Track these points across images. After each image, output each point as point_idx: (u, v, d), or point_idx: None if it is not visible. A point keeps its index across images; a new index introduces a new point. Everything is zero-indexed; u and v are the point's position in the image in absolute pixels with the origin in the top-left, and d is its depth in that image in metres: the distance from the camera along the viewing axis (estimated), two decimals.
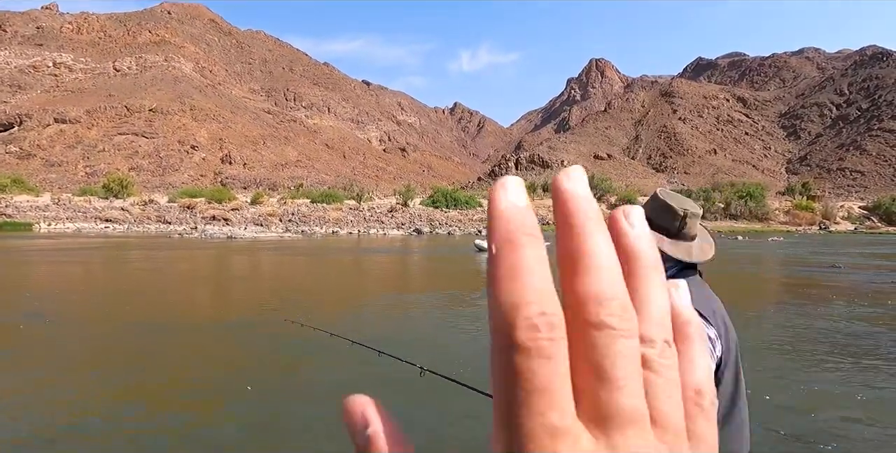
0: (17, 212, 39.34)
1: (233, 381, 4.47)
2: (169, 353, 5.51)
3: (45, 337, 6.22)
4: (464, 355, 5.10)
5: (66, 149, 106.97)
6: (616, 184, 67.39)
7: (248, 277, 13.09)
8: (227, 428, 3.57)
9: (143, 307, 8.38)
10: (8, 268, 14.09)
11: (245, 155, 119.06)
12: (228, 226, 37.96)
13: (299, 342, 5.35)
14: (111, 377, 4.75)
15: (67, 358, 5.35)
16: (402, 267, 16.44)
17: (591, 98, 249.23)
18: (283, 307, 8.06)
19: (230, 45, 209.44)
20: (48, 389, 4.38)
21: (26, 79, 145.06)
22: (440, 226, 43.02)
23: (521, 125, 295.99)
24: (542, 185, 62.95)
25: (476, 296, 9.34)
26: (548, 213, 50.27)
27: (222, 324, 7.16)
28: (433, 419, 3.61)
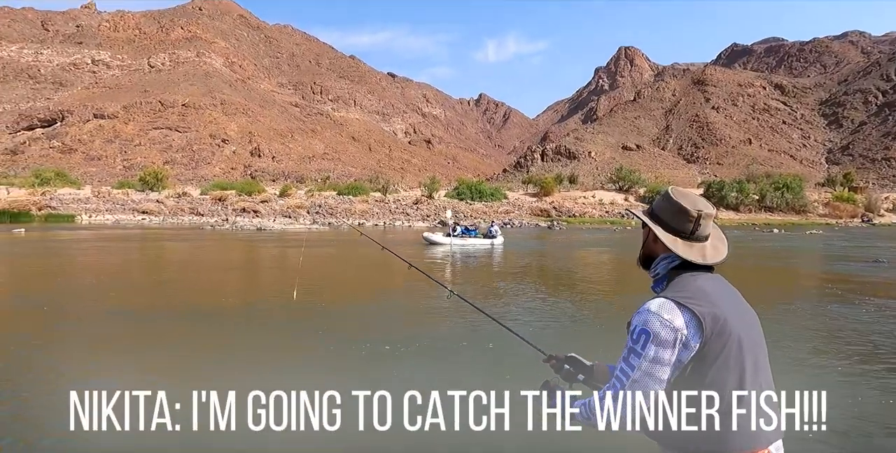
0: (60, 205, 41.16)
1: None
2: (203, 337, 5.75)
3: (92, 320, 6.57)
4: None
5: (104, 143, 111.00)
6: (645, 175, 65.88)
7: (284, 267, 13.41)
8: None
9: (184, 294, 8.72)
10: (61, 257, 14.83)
11: (273, 148, 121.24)
12: (258, 218, 38.87)
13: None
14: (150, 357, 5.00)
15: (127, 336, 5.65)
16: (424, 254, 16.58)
17: (620, 87, 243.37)
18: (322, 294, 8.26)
19: (259, 39, 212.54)
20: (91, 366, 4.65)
21: (67, 76, 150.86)
22: (465, 217, 43.01)
23: (547, 116, 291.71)
24: (568, 177, 62.08)
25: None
26: (574, 205, 49.51)
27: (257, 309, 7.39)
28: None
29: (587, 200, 51.86)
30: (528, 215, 46.14)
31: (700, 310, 1.26)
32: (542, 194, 53.21)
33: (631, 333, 1.31)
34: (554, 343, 5.52)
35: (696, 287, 1.33)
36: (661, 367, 1.25)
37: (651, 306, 1.29)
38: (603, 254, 18.13)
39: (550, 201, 50.38)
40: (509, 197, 52.47)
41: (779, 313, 7.30)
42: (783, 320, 6.83)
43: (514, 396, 1.53)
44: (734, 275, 1.45)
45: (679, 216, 1.40)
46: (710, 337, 1.25)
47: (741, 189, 53.68)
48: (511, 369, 4.42)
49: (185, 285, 10.05)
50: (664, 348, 1.24)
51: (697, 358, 1.26)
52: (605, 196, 53.44)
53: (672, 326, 1.25)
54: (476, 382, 4.33)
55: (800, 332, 6.12)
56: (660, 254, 1.44)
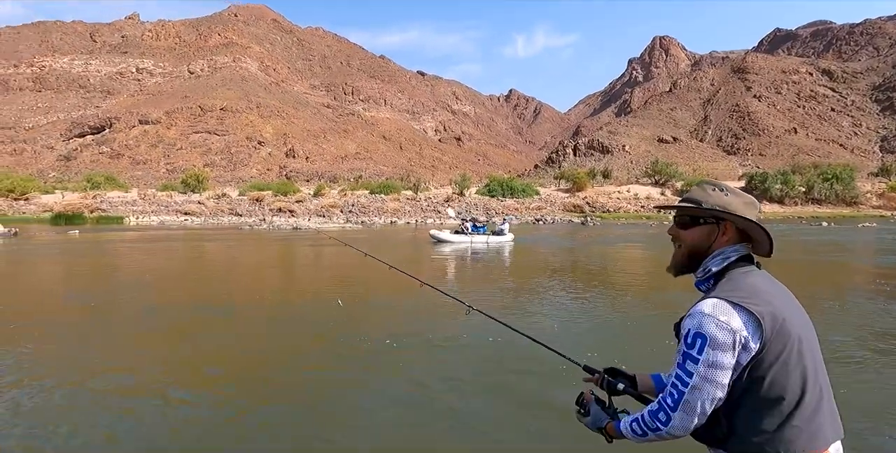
0: (110, 207, 43.37)
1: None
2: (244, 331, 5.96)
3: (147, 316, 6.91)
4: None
5: (149, 148, 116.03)
6: (682, 168, 63.89)
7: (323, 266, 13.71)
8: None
9: (227, 291, 9.06)
10: (110, 257, 15.65)
11: (307, 149, 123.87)
12: (294, 218, 39.85)
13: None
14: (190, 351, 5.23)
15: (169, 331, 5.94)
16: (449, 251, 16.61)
17: (655, 78, 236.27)
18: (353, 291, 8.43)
19: (291, 43, 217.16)
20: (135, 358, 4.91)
21: (114, 84, 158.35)
22: (497, 214, 42.83)
23: (579, 110, 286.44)
24: (601, 172, 60.87)
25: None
26: (608, 200, 48.53)
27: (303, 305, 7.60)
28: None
29: (622, 195, 50.72)
30: (560, 211, 45.54)
31: (758, 309, 1.21)
32: (575, 189, 52.37)
33: (684, 338, 1.25)
34: (587, 349, 5.46)
35: (748, 284, 1.28)
36: (720, 372, 1.19)
37: (704, 308, 1.24)
38: (638, 250, 17.72)
39: (583, 196, 49.54)
40: (541, 193, 51.90)
41: (828, 311, 6.98)
42: (833, 319, 6.52)
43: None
44: (778, 271, 1.40)
45: (752, 208, 1.37)
46: (771, 337, 1.20)
47: (786, 181, 51.31)
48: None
49: (224, 283, 10.44)
50: (723, 351, 1.19)
51: (757, 359, 1.21)
52: (640, 190, 52.13)
53: (729, 328, 1.19)
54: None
55: (852, 331, 5.83)
56: (714, 251, 1.38)
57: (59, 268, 13.29)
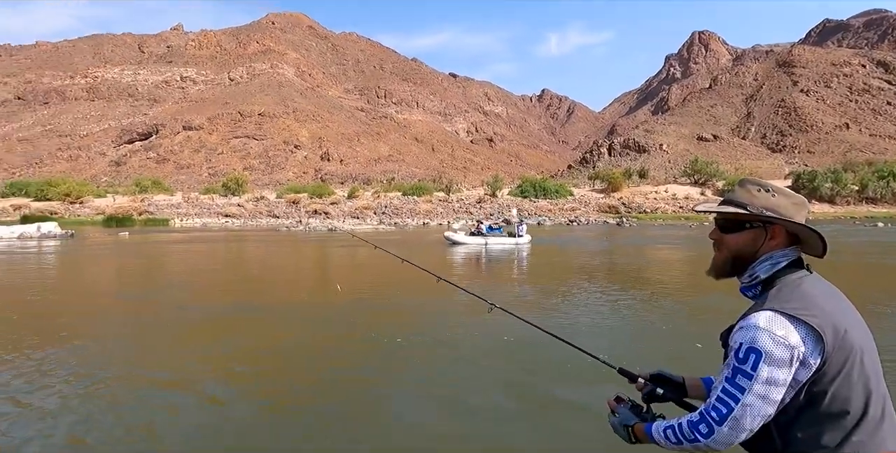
0: (156, 210, 45.41)
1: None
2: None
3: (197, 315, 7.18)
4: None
5: (192, 153, 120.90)
6: (724, 167, 61.56)
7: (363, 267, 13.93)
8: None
9: (266, 290, 9.32)
10: (157, 258, 16.38)
11: (341, 152, 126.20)
12: (329, 220, 40.65)
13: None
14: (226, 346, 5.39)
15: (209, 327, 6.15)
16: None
17: (694, 74, 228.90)
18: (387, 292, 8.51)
19: (326, 48, 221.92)
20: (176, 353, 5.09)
21: (160, 93, 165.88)
22: (529, 215, 42.43)
23: (613, 108, 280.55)
24: (638, 172, 59.40)
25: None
26: (644, 201, 47.36)
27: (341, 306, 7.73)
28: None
29: (659, 195, 49.32)
30: (595, 212, 44.69)
31: (817, 322, 1.13)
32: (610, 190, 51.29)
33: (735, 352, 1.17)
34: (621, 352, 5.33)
35: (803, 293, 1.20)
36: (775, 389, 1.12)
37: (759, 321, 1.16)
38: (676, 252, 17.18)
39: (619, 197, 48.45)
40: (575, 193, 51.09)
41: (881, 316, 6.57)
42: (888, 324, 6.14)
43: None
44: (827, 274, 1.32)
45: (802, 209, 1.29)
46: (832, 352, 1.13)
47: (837, 179, 48.68)
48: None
49: (261, 283, 10.74)
50: (779, 368, 1.12)
51: (817, 375, 1.14)
52: (678, 190, 50.57)
53: (787, 343, 1.12)
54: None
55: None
56: (761, 255, 1.30)
57: (110, 267, 14.00)
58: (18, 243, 21.00)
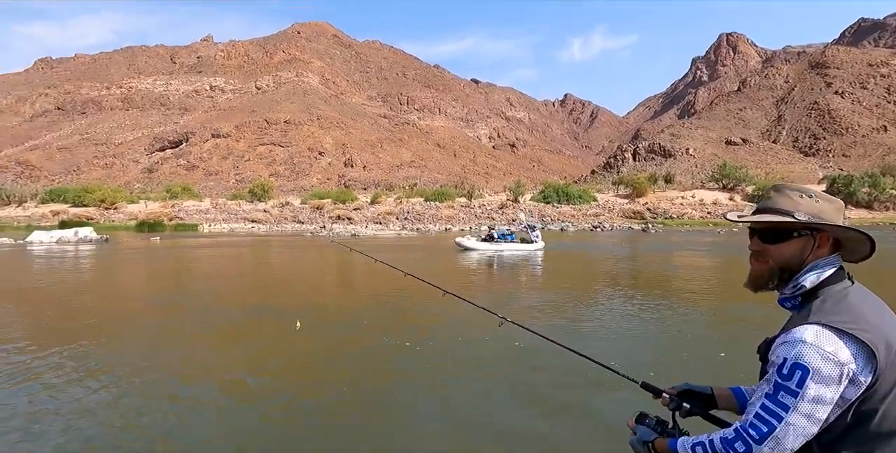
0: (186, 215, 46.69)
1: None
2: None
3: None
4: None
5: (220, 160, 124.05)
6: (753, 171, 59.96)
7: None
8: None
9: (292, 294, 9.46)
10: (186, 262, 16.83)
11: (364, 158, 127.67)
12: (352, 225, 41.09)
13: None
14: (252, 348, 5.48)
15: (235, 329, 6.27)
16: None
17: (722, 77, 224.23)
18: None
19: (350, 56, 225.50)
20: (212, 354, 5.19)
21: (190, 102, 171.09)
22: (552, 221, 42.07)
23: (638, 113, 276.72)
24: (663, 177, 58.34)
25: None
26: (670, 206, 46.37)
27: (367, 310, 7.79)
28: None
29: (686, 200, 48.30)
30: (619, 217, 44.02)
31: (868, 337, 1.07)
32: (635, 195, 50.47)
33: (779, 367, 1.10)
34: (643, 365, 5.22)
35: (850, 306, 1.13)
36: (821, 407, 1.06)
37: (806, 336, 1.09)
38: (704, 259, 16.76)
39: (644, 202, 47.64)
40: (598, 199, 50.45)
41: None
42: None
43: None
44: (868, 283, 1.26)
45: (841, 213, 1.24)
46: (885, 369, 1.07)
47: (875, 183, 46.86)
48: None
49: (285, 288, 10.90)
50: (827, 386, 1.05)
51: (868, 393, 1.07)
52: (706, 195, 49.43)
53: (837, 360, 1.05)
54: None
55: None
56: (807, 265, 1.22)
57: (141, 271, 14.44)
58: (57, 247, 21.85)
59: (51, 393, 4.21)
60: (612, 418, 3.60)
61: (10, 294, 9.66)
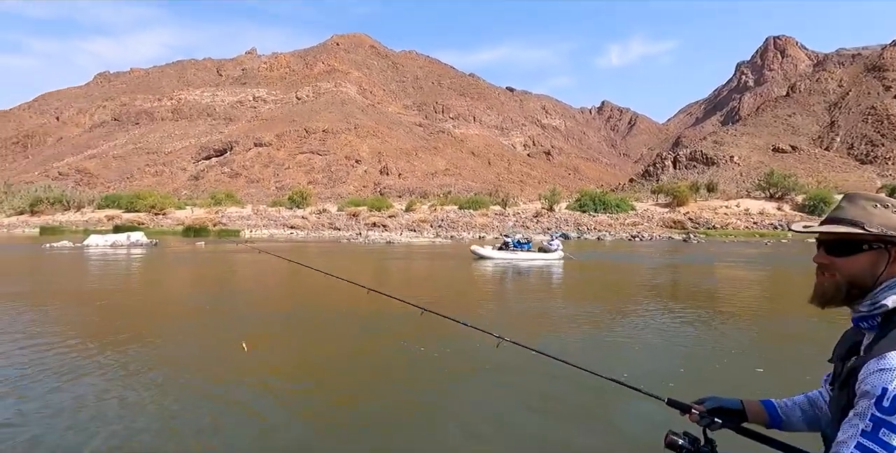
0: (229, 221, 48.45)
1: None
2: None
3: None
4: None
5: (262, 168, 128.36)
6: (804, 180, 57.20)
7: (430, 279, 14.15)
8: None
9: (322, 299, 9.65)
10: (227, 266, 17.45)
11: (400, 166, 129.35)
12: (387, 232, 41.59)
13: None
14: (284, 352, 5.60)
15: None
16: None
17: (769, 82, 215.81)
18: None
19: (387, 66, 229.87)
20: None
21: (235, 112, 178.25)
22: (588, 230, 41.32)
23: (679, 119, 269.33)
24: (706, 185, 56.41)
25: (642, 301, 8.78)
26: (713, 216, 44.81)
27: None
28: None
29: (730, 210, 46.49)
30: (658, 227, 42.79)
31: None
32: (676, 204, 48.97)
33: (877, 400, 0.96)
34: (674, 382, 5.03)
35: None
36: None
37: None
38: (749, 271, 16.03)
39: (685, 212, 46.15)
40: (637, 208, 49.22)
41: None
42: None
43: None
44: None
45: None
46: None
47: None
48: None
49: (320, 292, 11.12)
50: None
51: None
52: (752, 205, 47.44)
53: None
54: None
55: None
56: (883, 281, 1.13)
57: (187, 274, 15.07)
58: (111, 251, 23.08)
59: (95, 392, 4.44)
60: (636, 427, 3.49)
61: (67, 295, 10.27)
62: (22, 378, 4.77)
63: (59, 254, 21.51)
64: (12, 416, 3.88)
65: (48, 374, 4.88)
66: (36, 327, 7.00)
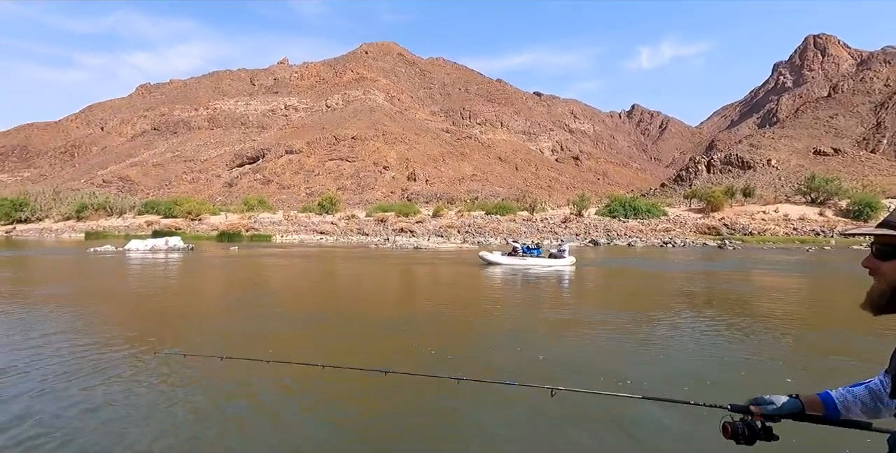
0: (261, 227, 49.66)
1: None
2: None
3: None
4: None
5: (292, 174, 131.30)
6: (847, 184, 54.68)
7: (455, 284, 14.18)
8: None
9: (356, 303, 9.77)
10: (258, 270, 17.88)
11: (427, 172, 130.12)
12: (414, 238, 41.82)
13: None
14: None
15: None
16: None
17: (808, 82, 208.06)
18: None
19: (414, 73, 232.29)
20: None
21: (267, 120, 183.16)
22: (618, 236, 40.56)
23: (712, 122, 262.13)
24: (742, 190, 54.64)
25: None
26: (750, 221, 43.28)
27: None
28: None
29: (768, 215, 44.84)
30: (691, 233, 41.63)
31: None
32: (710, 209, 47.57)
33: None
34: (725, 390, 4.87)
35: None
36: None
37: None
38: (789, 279, 15.40)
39: (720, 217, 44.77)
40: (669, 213, 48.04)
41: None
42: None
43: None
44: None
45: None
46: None
47: None
48: None
49: (348, 296, 11.25)
50: None
51: None
52: (791, 210, 45.64)
53: None
54: None
55: None
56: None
57: (221, 278, 15.50)
58: (151, 255, 23.98)
59: (128, 389, 4.65)
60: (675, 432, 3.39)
61: (109, 296, 10.72)
62: (61, 375, 5.00)
63: (103, 257, 22.47)
64: (50, 414, 4.06)
65: (86, 372, 5.11)
66: (76, 326, 7.33)
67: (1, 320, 7.89)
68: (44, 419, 3.96)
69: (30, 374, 5.07)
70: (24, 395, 4.46)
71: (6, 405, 4.24)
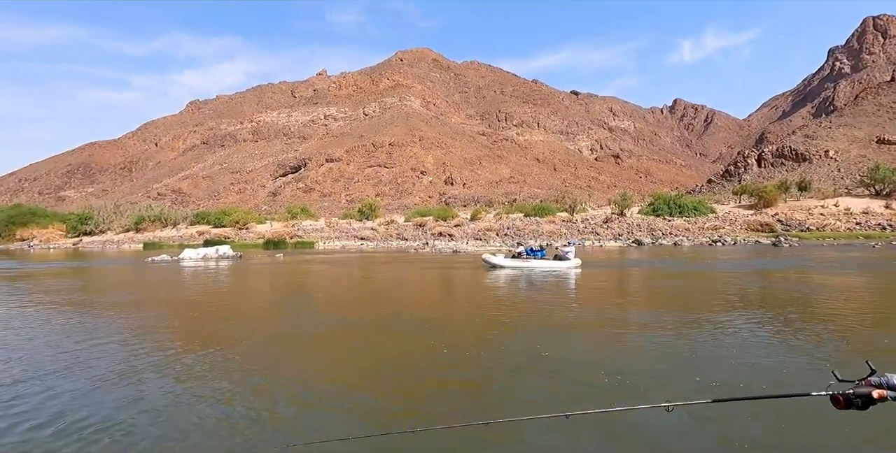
0: (304, 234, 51.12)
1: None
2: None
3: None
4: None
5: (333, 182, 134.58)
6: None
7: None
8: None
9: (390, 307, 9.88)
10: (302, 275, 18.39)
11: (464, 175, 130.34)
12: (453, 241, 41.92)
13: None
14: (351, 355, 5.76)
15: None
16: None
17: (868, 68, 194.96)
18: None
19: (449, 78, 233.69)
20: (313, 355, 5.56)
21: (307, 131, 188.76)
22: (663, 235, 39.24)
23: (762, 114, 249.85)
24: (797, 184, 51.74)
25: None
26: (807, 217, 40.98)
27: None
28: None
29: (827, 210, 42.23)
30: (743, 231, 39.73)
31: None
32: (762, 205, 45.27)
33: None
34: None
35: None
36: None
37: None
38: (854, 278, 14.41)
39: (773, 213, 42.52)
40: (717, 210, 46.05)
41: None
42: None
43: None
44: None
45: None
46: None
47: None
48: None
49: (390, 300, 11.39)
50: None
51: None
52: (853, 203, 42.81)
53: None
54: None
55: None
56: None
57: (269, 284, 16.06)
58: (202, 263, 25.13)
59: (184, 386, 4.92)
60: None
61: (166, 302, 11.31)
62: (118, 375, 5.31)
63: (159, 266, 23.74)
64: (111, 411, 4.32)
65: (148, 373, 5.40)
66: (136, 331, 7.76)
67: (72, 325, 8.46)
68: (112, 415, 4.23)
69: (92, 370, 5.42)
70: (87, 391, 4.78)
71: (71, 400, 4.54)
